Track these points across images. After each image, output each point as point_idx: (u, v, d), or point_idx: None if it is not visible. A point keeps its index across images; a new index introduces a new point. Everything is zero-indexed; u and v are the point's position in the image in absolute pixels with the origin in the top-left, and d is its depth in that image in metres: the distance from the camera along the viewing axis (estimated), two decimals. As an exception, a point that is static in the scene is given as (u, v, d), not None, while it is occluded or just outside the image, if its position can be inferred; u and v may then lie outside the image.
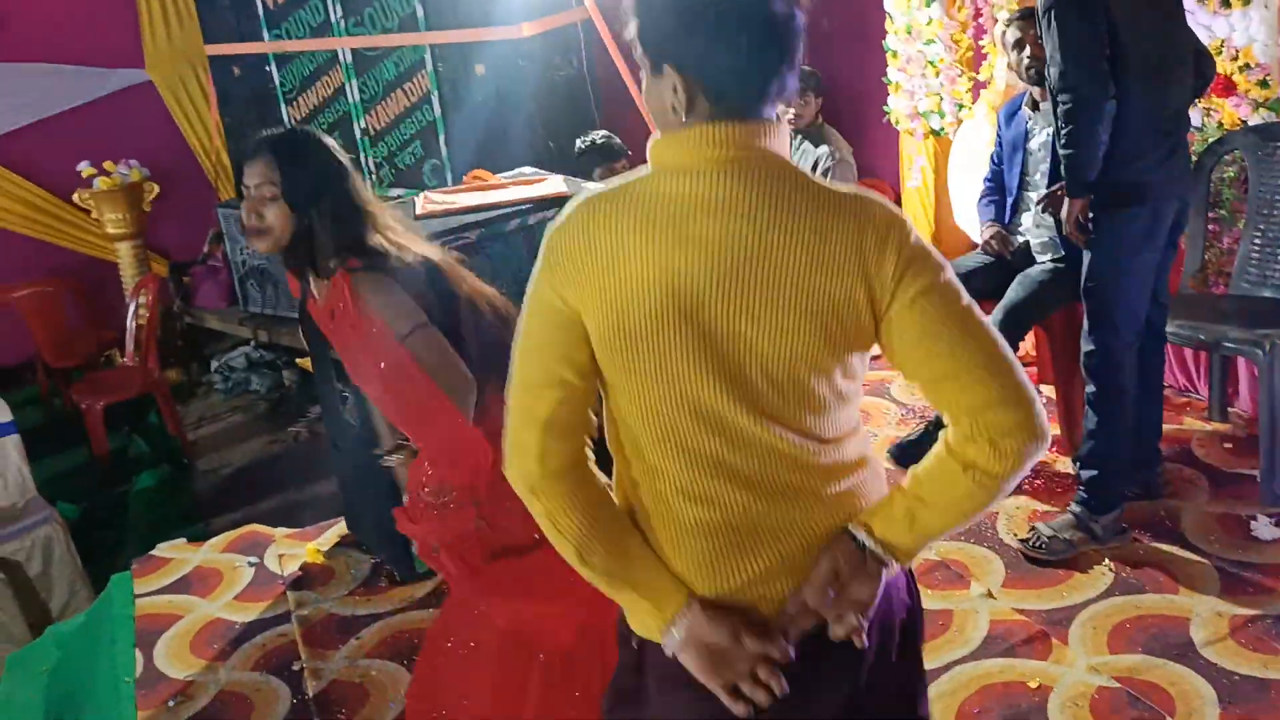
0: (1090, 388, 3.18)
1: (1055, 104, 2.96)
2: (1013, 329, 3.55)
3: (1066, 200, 3.09)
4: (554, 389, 1.43)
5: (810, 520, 1.46)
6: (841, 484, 1.48)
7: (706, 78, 1.37)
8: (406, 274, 2.31)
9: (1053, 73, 2.95)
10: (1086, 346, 3.17)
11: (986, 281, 3.71)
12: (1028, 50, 3.53)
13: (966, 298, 1.41)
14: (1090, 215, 3.06)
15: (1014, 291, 3.57)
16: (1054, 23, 2.90)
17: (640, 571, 1.46)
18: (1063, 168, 3.06)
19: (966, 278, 3.74)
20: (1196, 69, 3.11)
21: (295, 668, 3.19)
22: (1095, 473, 3.20)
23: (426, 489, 2.34)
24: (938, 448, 1.45)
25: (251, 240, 2.32)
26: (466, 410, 2.28)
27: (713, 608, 1.44)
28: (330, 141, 2.38)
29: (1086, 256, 3.13)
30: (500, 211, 3.40)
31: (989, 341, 1.40)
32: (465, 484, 2.29)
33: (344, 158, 2.35)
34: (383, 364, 2.28)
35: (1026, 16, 3.53)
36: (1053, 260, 3.63)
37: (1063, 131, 2.97)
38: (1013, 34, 3.61)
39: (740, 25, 1.35)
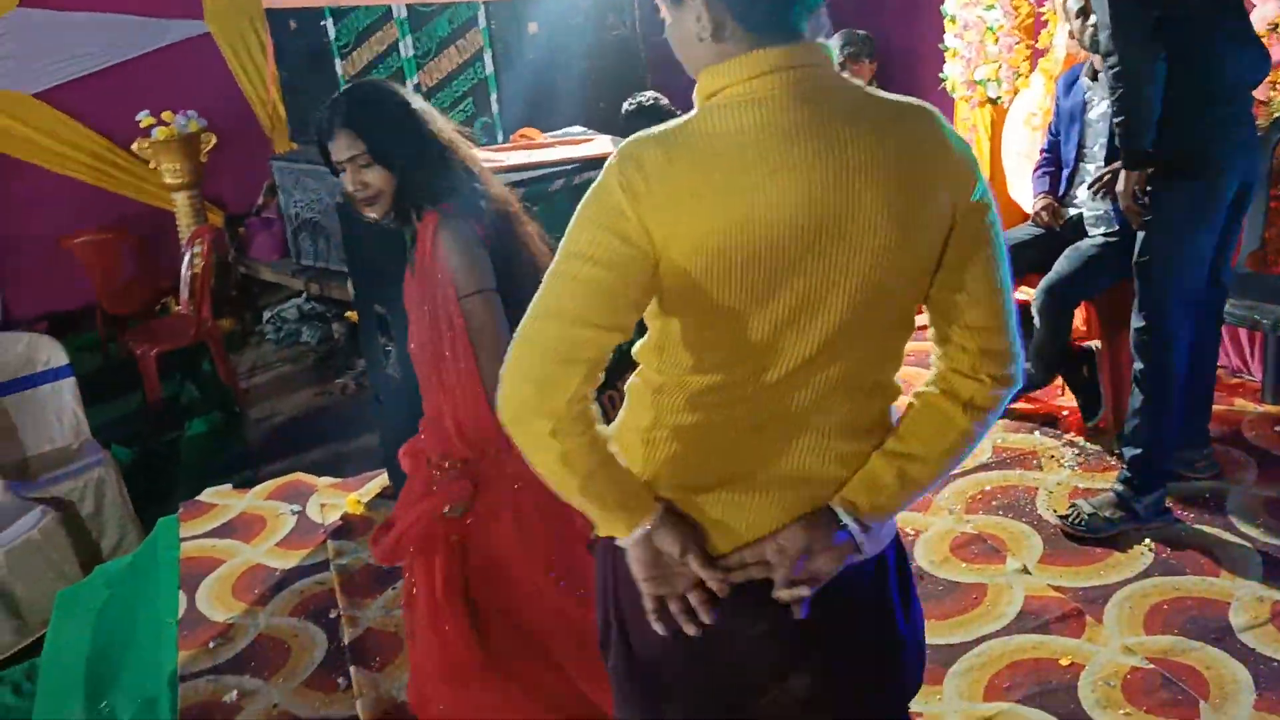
0: (1138, 365, 3.12)
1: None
2: (1059, 303, 3.49)
3: (1122, 174, 3.02)
4: (612, 334, 1.36)
5: (825, 475, 1.46)
6: (863, 443, 1.48)
7: None
8: (486, 216, 2.31)
9: (1101, 37, 2.89)
10: (1136, 323, 3.11)
11: (1037, 253, 3.66)
12: (1092, 18, 3.44)
13: None
14: (1147, 189, 2.99)
15: (1062, 264, 3.51)
16: None
17: (625, 493, 1.44)
18: (1117, 137, 3.00)
19: (1017, 249, 3.72)
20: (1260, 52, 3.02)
21: (332, 615, 3.25)
22: (1140, 451, 3.15)
23: (434, 454, 2.37)
24: (925, 401, 1.48)
25: (365, 210, 2.30)
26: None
27: (678, 520, 1.45)
28: (393, 86, 2.37)
29: (1140, 231, 3.07)
30: (545, 171, 3.41)
31: (1008, 283, 1.45)
32: (464, 457, 2.32)
33: (411, 97, 2.34)
34: (434, 315, 2.28)
35: None
36: (1105, 235, 3.56)
37: (1113, 98, 2.92)
38: (1075, 1, 3.52)
39: None
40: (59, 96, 6.75)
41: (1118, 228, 3.47)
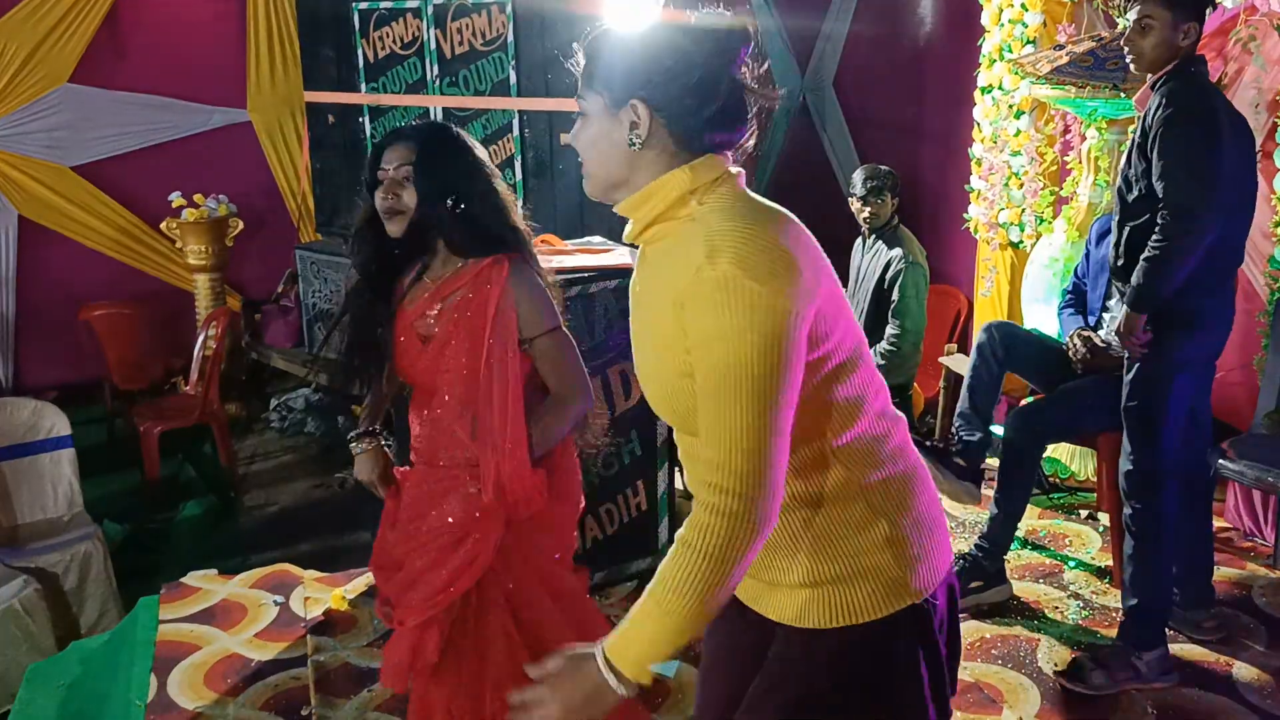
0: (1127, 509, 3.08)
1: (1157, 220, 2.86)
2: (1032, 434, 3.45)
3: (1124, 312, 2.99)
4: None
5: None
6: None
7: None
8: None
9: (1163, 186, 2.85)
10: (1125, 466, 3.08)
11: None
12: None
13: None
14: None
15: (1048, 399, 3.50)
16: (1174, 136, 2.81)
17: None
18: (1140, 277, 2.92)
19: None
20: None
21: (304, 712, 3.15)
22: (1136, 601, 3.07)
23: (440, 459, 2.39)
24: None
25: (388, 221, 2.33)
26: (575, 417, 2.38)
27: None
28: (470, 139, 2.41)
29: (1127, 376, 3.05)
30: (563, 277, 3.41)
31: None
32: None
33: (481, 153, 2.40)
34: (481, 366, 2.29)
35: None
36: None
37: (1156, 244, 2.87)
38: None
39: None
40: (97, 171, 6.88)
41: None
